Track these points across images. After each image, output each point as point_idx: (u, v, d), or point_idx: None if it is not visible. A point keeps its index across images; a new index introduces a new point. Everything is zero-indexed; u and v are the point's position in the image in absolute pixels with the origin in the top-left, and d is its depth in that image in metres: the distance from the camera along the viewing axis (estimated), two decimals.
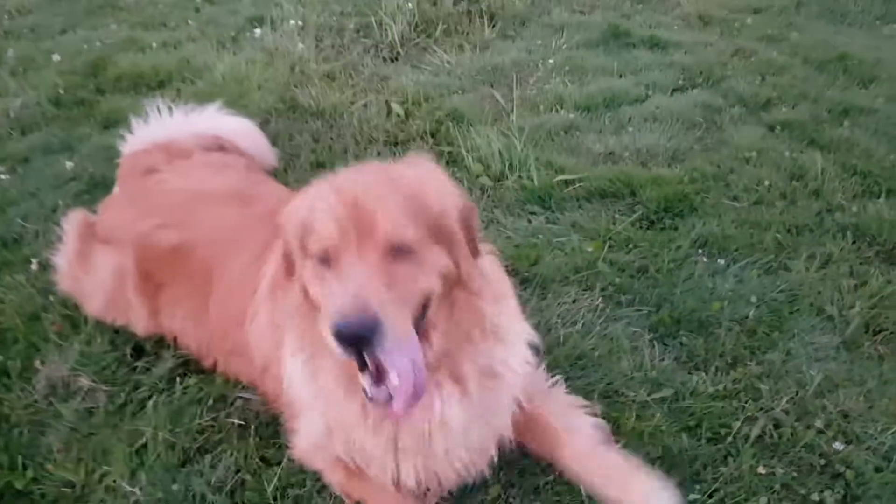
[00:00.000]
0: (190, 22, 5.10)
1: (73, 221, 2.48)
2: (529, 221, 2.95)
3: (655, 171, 3.20)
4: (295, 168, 3.31)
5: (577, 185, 3.10)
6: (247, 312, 1.96)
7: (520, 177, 3.16)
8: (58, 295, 2.49)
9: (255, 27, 4.95)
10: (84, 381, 2.18)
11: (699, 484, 1.85)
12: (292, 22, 4.76)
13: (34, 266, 2.63)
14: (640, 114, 3.76)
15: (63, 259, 2.46)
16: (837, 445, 1.88)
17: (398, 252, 1.43)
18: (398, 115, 3.79)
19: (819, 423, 1.96)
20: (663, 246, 2.70)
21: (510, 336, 1.74)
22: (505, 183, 3.15)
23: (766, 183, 3.08)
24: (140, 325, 2.31)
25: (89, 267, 2.38)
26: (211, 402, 2.10)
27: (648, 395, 2.09)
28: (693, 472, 1.88)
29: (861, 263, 2.60)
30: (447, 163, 3.34)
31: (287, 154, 3.41)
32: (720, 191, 3.07)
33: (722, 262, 2.62)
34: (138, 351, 2.31)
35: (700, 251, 2.68)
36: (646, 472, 1.76)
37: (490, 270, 1.73)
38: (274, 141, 3.53)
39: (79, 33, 5.02)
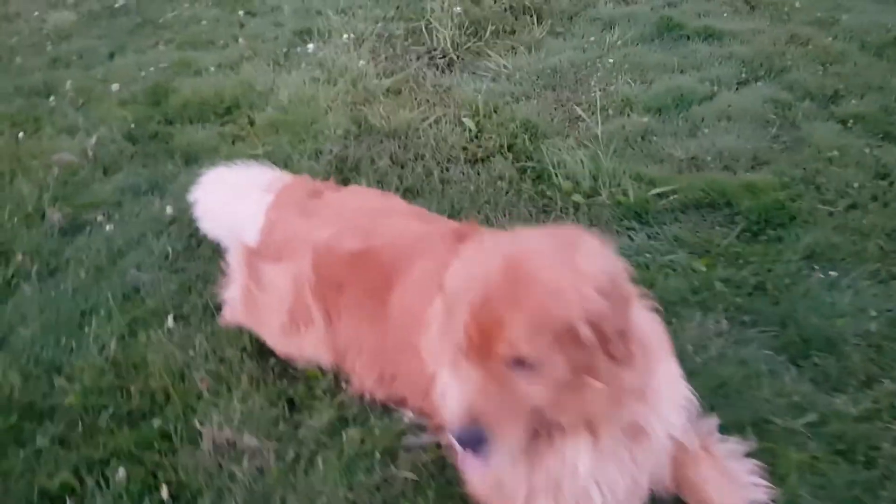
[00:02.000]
0: (239, 39, 5.09)
1: (236, 252, 2.55)
2: (631, 239, 3.01)
3: (745, 177, 3.25)
4: None
5: (671, 197, 3.16)
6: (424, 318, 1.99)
7: (612, 192, 3.22)
8: (198, 348, 2.57)
9: (306, 41, 4.97)
10: (250, 440, 2.27)
11: None
12: (345, 36, 4.77)
13: (170, 322, 2.70)
14: (711, 113, 3.80)
15: (235, 290, 2.54)
16: None
17: (518, 363, 1.49)
18: (470, 130, 3.84)
19: None
20: (774, 260, 2.77)
21: (662, 401, 1.74)
22: (597, 199, 3.21)
23: (856, 185, 3.14)
24: (316, 339, 2.37)
25: (263, 287, 2.45)
26: (378, 455, 2.19)
27: (795, 420, 2.18)
28: (852, 498, 1.97)
29: None
30: (533, 181, 3.40)
31: (373, 181, 3.46)
32: (812, 195, 3.13)
33: (833, 273, 2.69)
34: (290, 404, 2.39)
35: (811, 264, 2.76)
36: None
37: (646, 332, 1.70)
38: (356, 167, 3.61)
39: (129, 57, 5.02)
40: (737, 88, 4.05)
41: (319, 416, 2.32)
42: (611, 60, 4.39)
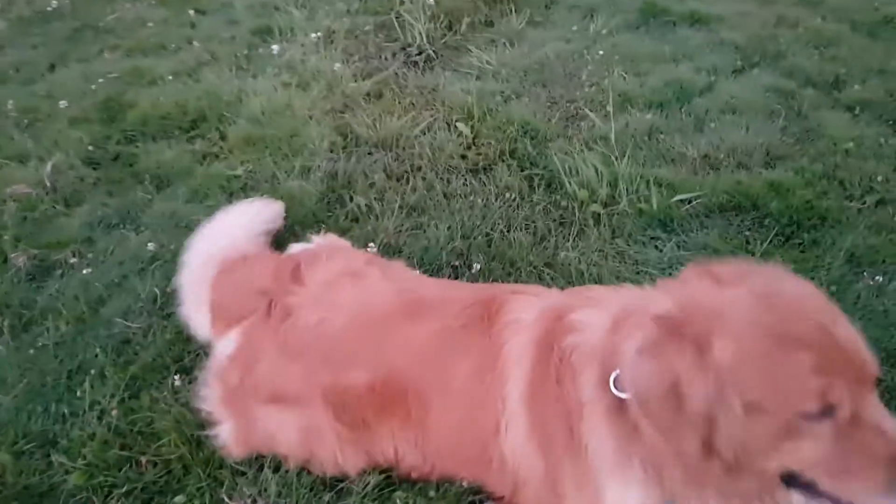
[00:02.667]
0: (194, 42, 4.69)
1: (215, 391, 2.20)
2: (659, 250, 2.84)
3: (766, 175, 3.12)
4: (391, 215, 3.09)
5: (695, 202, 3.01)
6: (488, 423, 1.82)
7: (631, 200, 3.04)
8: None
9: (267, 41, 4.61)
10: None
11: None
12: (313, 34, 4.44)
13: (177, 380, 2.40)
14: (714, 106, 3.66)
15: (227, 434, 2.17)
16: None
17: None
18: (465, 136, 3.60)
19: None
20: (815, 266, 2.64)
21: None
22: (617, 208, 3.03)
23: (879, 178, 3.05)
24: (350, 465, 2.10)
25: (266, 437, 2.12)
26: None
27: None
28: None
29: None
30: (544, 190, 3.20)
31: (371, 199, 3.19)
32: (837, 192, 3.02)
33: (879, 279, 2.58)
34: None
35: (854, 269, 2.64)
36: None
37: None
38: (348, 183, 3.34)
39: (72, 68, 4.57)
40: (734, 77, 3.92)
41: (363, 481, 2.09)
42: (600, 52, 4.20)
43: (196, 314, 2.42)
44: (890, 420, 1.30)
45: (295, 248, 2.41)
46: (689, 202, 3.00)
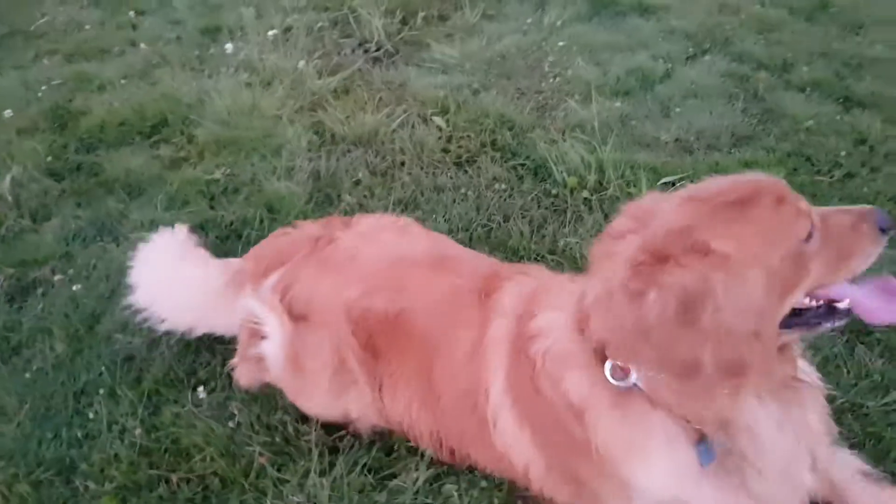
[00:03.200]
0: (140, 45, 4.50)
1: (267, 304, 2.16)
2: None
3: (737, 156, 3.29)
4: (384, 211, 3.05)
5: (679, 184, 3.13)
6: (475, 400, 1.88)
7: (619, 185, 3.13)
8: (239, 418, 2.23)
9: (217, 40, 4.48)
10: None
11: None
12: (270, 32, 4.34)
13: (200, 392, 2.32)
14: (676, 92, 3.81)
15: (275, 348, 2.14)
16: None
17: None
18: (442, 129, 3.62)
19: None
20: None
21: None
22: (606, 193, 3.11)
23: (843, 153, 3.26)
24: (363, 403, 2.11)
25: (306, 349, 2.12)
26: None
27: (882, 399, 2.21)
28: None
29: None
30: (532, 179, 3.25)
31: (363, 196, 3.17)
32: (807, 168, 3.21)
33: None
34: (372, 471, 2.12)
35: None
36: None
37: None
38: (333, 182, 3.30)
39: (9, 75, 4.29)
40: (689, 63, 4.09)
41: (412, 477, 2.08)
42: (559, 43, 4.29)
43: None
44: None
45: None
46: (674, 184, 3.12)
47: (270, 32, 4.36)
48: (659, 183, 3.11)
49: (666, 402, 1.54)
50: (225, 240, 2.98)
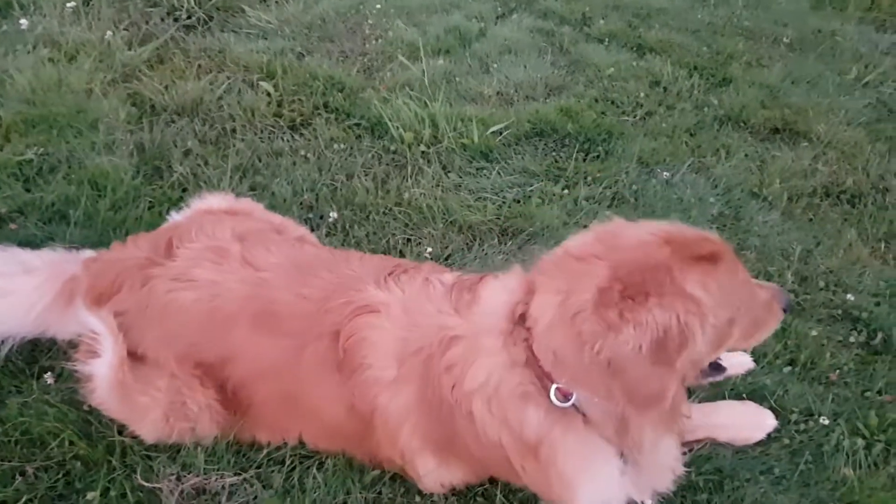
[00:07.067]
0: None
1: (104, 320, 2.03)
2: (487, 177, 3.13)
3: (554, 104, 3.55)
4: (224, 178, 2.99)
5: (506, 133, 3.33)
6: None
7: (453, 137, 3.27)
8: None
9: (9, 16, 4.03)
10: (226, 479, 1.98)
11: (779, 359, 2.36)
12: (69, 5, 3.98)
13: (48, 378, 2.16)
14: (492, 49, 4.03)
15: (104, 369, 2.01)
16: (848, 297, 2.55)
17: None
18: (270, 94, 3.56)
19: (821, 284, 2.61)
20: (617, 172, 3.11)
21: None
22: (442, 146, 3.25)
23: (641, 95, 3.63)
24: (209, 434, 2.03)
25: (139, 382, 1.97)
26: None
27: None
28: (773, 352, 2.36)
29: (750, 147, 3.31)
30: (370, 137, 3.31)
31: (197, 165, 3.06)
32: (613, 111, 3.55)
33: (667, 174, 3.13)
34: None
35: (646, 170, 3.16)
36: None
37: None
38: (161, 154, 3.16)
39: None
40: (500, 22, 4.33)
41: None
42: (377, 6, 4.35)
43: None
44: None
45: (174, 216, 2.28)
46: (501, 133, 3.33)
47: (69, 4, 4.00)
48: (488, 132, 3.30)
49: (600, 423, 1.58)
50: (49, 222, 2.75)
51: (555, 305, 1.47)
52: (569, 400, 1.56)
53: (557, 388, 1.54)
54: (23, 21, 3.91)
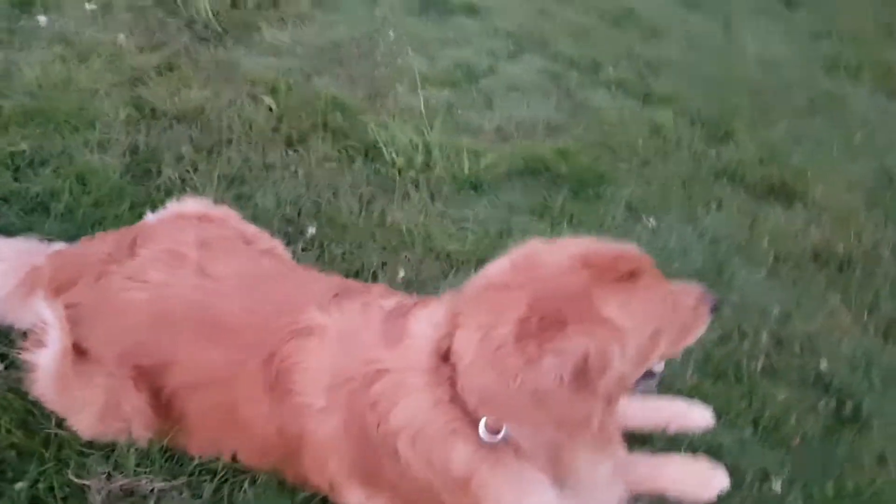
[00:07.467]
0: None
1: (54, 310, 2.02)
2: (473, 209, 3.12)
3: (552, 144, 3.55)
4: (209, 186, 3.01)
5: (498, 167, 3.33)
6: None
7: (444, 166, 3.27)
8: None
9: (31, 13, 4.14)
10: (154, 483, 1.94)
11: (741, 418, 2.30)
12: (88, 5, 4.09)
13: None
14: (499, 86, 4.05)
15: (48, 359, 1.98)
16: (822, 362, 2.48)
17: None
18: (272, 109, 3.60)
19: (796, 348, 2.55)
20: (603, 216, 3.09)
21: None
22: (433, 174, 3.24)
23: (640, 142, 3.62)
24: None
25: (79, 378, 1.95)
26: None
27: None
28: (735, 411, 2.31)
29: (743, 203, 3.27)
30: (363, 159, 3.32)
31: (186, 171, 3.08)
32: (609, 156, 3.53)
33: (654, 222, 3.10)
34: None
35: (633, 215, 3.13)
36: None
37: None
38: (153, 156, 3.19)
39: None
40: (510, 60, 4.36)
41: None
42: (391, 34, 4.40)
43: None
44: None
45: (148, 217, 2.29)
46: (495, 167, 3.32)
47: (88, 6, 4.11)
48: (481, 165, 3.29)
49: (532, 454, 1.57)
50: (31, 212, 2.78)
51: (476, 341, 1.46)
52: (498, 434, 1.53)
53: (486, 423, 1.52)
54: (41, 18, 4.02)
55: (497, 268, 1.56)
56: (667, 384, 2.35)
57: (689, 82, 4.21)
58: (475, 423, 1.53)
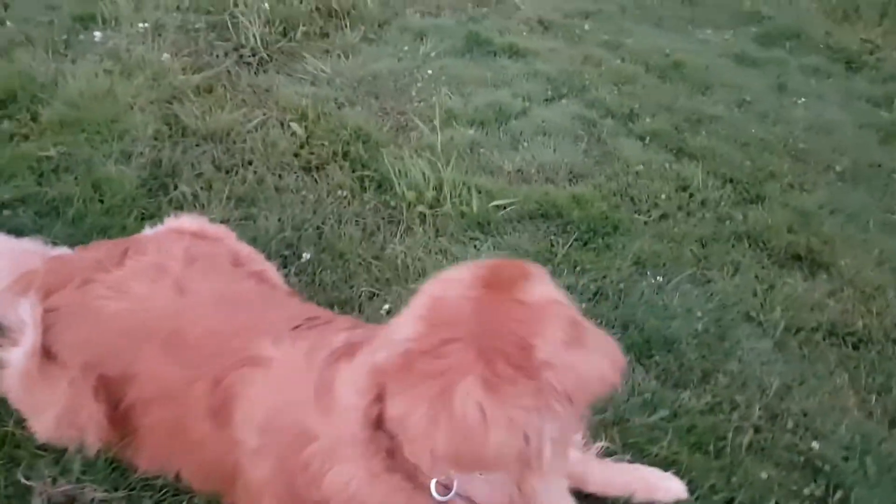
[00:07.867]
0: (7, 23, 4.36)
1: (34, 310, 2.09)
2: (477, 248, 3.08)
3: (569, 190, 3.48)
4: (218, 205, 3.08)
5: (509, 208, 3.28)
6: None
7: (454, 203, 3.24)
8: None
9: (89, 28, 4.40)
10: (97, 493, 1.95)
11: (716, 495, 2.16)
12: (141, 25, 4.30)
13: None
14: (528, 128, 4.01)
15: (19, 357, 2.02)
16: (814, 444, 2.31)
17: None
18: (298, 135, 3.67)
19: (790, 425, 2.38)
20: (608, 267, 2.99)
21: None
22: (441, 210, 3.22)
23: (663, 196, 3.50)
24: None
25: (45, 378, 1.99)
26: None
27: (649, 417, 2.37)
28: (710, 486, 2.18)
29: (762, 268, 3.11)
30: (375, 190, 3.34)
31: (200, 188, 3.16)
32: (628, 206, 3.43)
33: (660, 278, 2.97)
34: None
35: (640, 270, 3.02)
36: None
37: None
38: (173, 172, 3.29)
39: None
40: (545, 104, 4.32)
41: None
42: (429, 71, 4.45)
43: None
44: None
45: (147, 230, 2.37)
46: (505, 208, 3.28)
47: (142, 25, 4.32)
48: (490, 205, 3.26)
49: (490, 499, 1.52)
50: (44, 216, 2.91)
51: (427, 406, 1.36)
52: (450, 491, 1.49)
53: (438, 483, 1.48)
54: (97, 33, 4.24)
55: (409, 328, 1.43)
56: (640, 450, 2.24)
57: (727, 141, 4.07)
58: (419, 487, 1.49)
